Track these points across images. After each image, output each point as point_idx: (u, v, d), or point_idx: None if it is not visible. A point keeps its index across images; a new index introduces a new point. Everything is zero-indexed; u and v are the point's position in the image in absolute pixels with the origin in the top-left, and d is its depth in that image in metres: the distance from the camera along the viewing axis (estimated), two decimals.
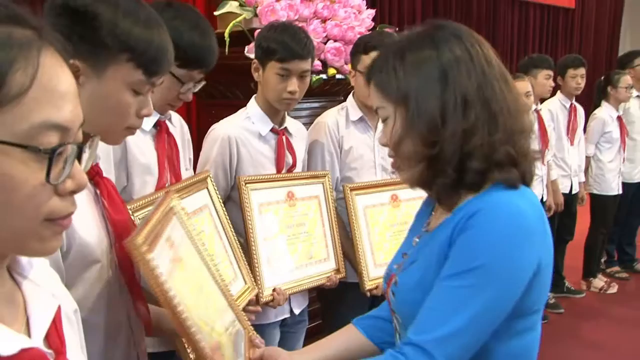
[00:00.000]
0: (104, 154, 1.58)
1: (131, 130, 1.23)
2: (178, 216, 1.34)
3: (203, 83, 1.77)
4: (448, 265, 1.09)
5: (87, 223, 1.15)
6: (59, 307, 0.76)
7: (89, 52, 1.10)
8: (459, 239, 1.08)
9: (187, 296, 1.13)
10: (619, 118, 4.68)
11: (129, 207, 1.51)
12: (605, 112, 4.63)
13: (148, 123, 1.70)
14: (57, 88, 0.64)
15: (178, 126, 1.90)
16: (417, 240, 1.26)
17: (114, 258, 1.21)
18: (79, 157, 0.67)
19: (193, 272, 1.27)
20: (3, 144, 0.60)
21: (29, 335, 0.69)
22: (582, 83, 4.38)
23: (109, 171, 1.58)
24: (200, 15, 1.76)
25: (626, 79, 4.58)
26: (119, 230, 1.20)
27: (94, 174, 1.19)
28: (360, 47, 2.40)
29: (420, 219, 1.34)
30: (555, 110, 4.36)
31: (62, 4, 1.09)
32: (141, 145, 1.69)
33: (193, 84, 1.72)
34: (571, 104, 4.43)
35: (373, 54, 2.33)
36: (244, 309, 1.89)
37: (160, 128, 1.74)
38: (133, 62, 1.13)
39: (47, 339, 0.71)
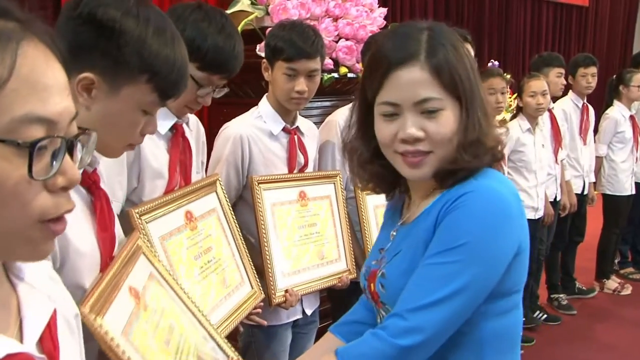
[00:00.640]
0: (118, 158, 1.56)
1: (132, 146, 1.21)
2: (145, 254, 1.34)
3: (225, 90, 1.73)
4: (433, 245, 1.10)
5: (82, 235, 1.11)
6: (55, 311, 0.74)
7: (108, 68, 1.07)
8: (445, 219, 1.10)
9: (150, 345, 1.15)
10: (632, 117, 4.60)
11: (136, 210, 1.51)
12: (617, 111, 4.56)
13: (164, 127, 1.67)
14: (40, 80, 0.62)
15: (194, 129, 1.87)
16: (394, 234, 1.26)
17: None
18: (70, 152, 0.65)
19: (161, 313, 1.27)
20: None
21: (21, 339, 0.67)
22: (593, 82, 4.31)
23: (120, 172, 1.56)
24: (230, 21, 1.71)
25: (638, 77, 4.50)
26: (105, 245, 1.17)
27: (90, 183, 1.15)
28: (372, 45, 2.35)
29: (393, 215, 1.33)
30: (568, 110, 4.30)
31: (89, 14, 1.06)
32: (154, 150, 1.66)
33: (212, 88, 1.68)
34: (583, 104, 4.37)
35: None
36: (249, 315, 1.87)
37: (176, 132, 1.71)
38: (152, 84, 1.11)
39: (41, 343, 0.70)
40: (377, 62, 1.12)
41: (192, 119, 1.86)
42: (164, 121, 1.68)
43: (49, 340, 0.70)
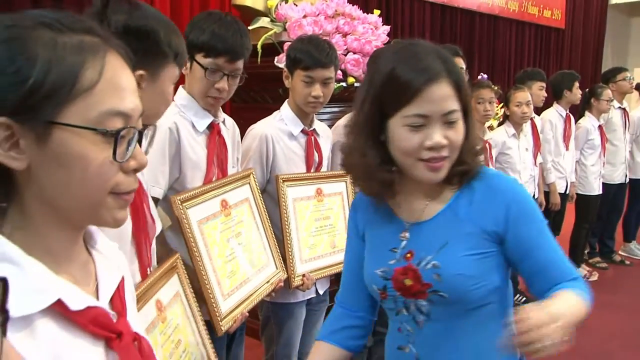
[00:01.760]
0: (160, 150, 1.60)
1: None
2: (179, 274, 1.38)
3: (240, 76, 1.72)
4: (527, 232, 1.17)
5: None
6: (123, 278, 0.80)
7: (151, 61, 1.16)
8: (515, 215, 1.16)
9: (157, 354, 1.19)
10: (600, 127, 4.69)
11: (178, 197, 1.54)
12: (588, 121, 4.62)
13: (202, 125, 1.71)
14: (119, 83, 0.68)
15: (231, 129, 1.89)
16: (407, 234, 1.23)
17: None
18: (139, 141, 0.71)
19: (174, 328, 1.31)
20: (78, 127, 0.64)
21: (97, 297, 0.72)
22: (578, 93, 4.45)
23: (163, 162, 1.61)
24: (233, 17, 1.73)
25: (607, 92, 4.59)
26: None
27: None
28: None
29: (384, 217, 1.28)
30: (554, 120, 4.37)
31: (124, 27, 1.12)
32: (193, 144, 1.69)
33: (223, 74, 1.67)
34: (567, 114, 4.45)
35: None
36: (270, 295, 1.90)
37: (212, 130, 1.74)
38: (176, 63, 1.23)
39: (112, 302, 0.74)
40: (404, 82, 1.11)
41: (229, 120, 1.88)
42: (202, 120, 1.72)
43: (118, 300, 0.75)
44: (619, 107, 4.94)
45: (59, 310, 0.64)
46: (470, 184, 1.20)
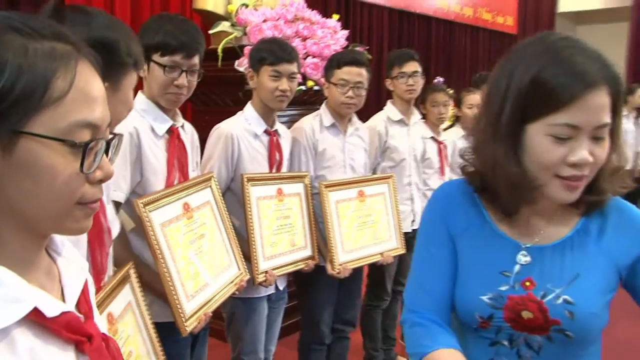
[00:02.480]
0: (122, 154, 1.59)
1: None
2: (131, 283, 1.38)
3: (197, 72, 1.74)
4: None
5: None
6: (87, 280, 0.79)
7: (113, 72, 1.15)
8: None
9: None
10: None
11: (140, 201, 1.54)
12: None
13: (161, 129, 1.72)
14: (90, 93, 0.66)
15: (190, 134, 1.90)
16: (528, 258, 1.06)
17: None
18: (106, 152, 0.70)
19: (126, 339, 1.31)
20: (47, 138, 0.62)
21: (64, 301, 0.72)
22: None
23: (125, 167, 1.61)
24: (183, 17, 1.78)
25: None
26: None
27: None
28: (334, 62, 2.43)
29: (483, 229, 1.10)
30: None
31: (84, 40, 1.11)
32: (153, 148, 1.70)
33: (181, 71, 1.69)
34: None
35: (346, 69, 2.37)
36: (233, 295, 1.91)
37: (172, 134, 1.75)
38: (135, 70, 1.23)
39: (78, 305, 0.74)
40: (557, 85, 0.94)
41: (188, 126, 1.89)
42: (162, 124, 1.73)
43: (84, 303, 0.75)
44: None
45: (33, 318, 0.63)
46: (600, 209, 1.05)
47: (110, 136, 0.71)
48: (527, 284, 1.04)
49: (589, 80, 0.93)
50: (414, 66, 2.80)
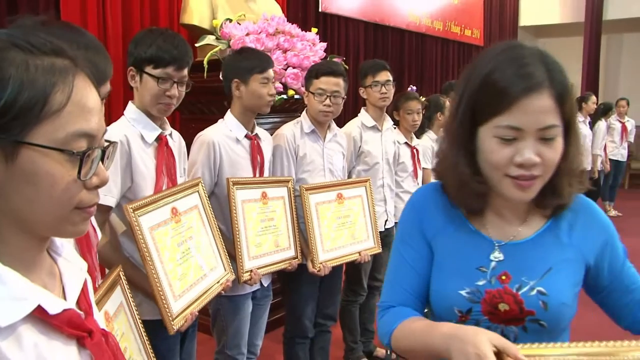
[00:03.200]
0: (112, 160, 1.58)
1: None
2: (122, 285, 1.40)
3: (186, 81, 1.74)
4: (615, 262, 1.07)
5: None
6: (86, 280, 0.79)
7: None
8: (610, 249, 1.07)
9: None
10: None
11: (130, 206, 1.53)
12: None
13: (150, 137, 1.71)
14: (86, 105, 0.67)
15: (177, 141, 1.88)
16: (500, 255, 1.05)
17: None
18: (102, 159, 0.71)
19: (120, 336, 1.32)
20: (46, 148, 0.63)
21: (65, 299, 0.72)
22: None
23: (115, 173, 1.60)
24: (172, 31, 1.77)
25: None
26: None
27: None
28: (313, 73, 2.44)
29: (461, 229, 1.09)
30: None
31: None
32: (143, 155, 1.69)
33: (173, 82, 1.69)
34: None
35: (323, 79, 2.38)
36: (219, 294, 1.90)
37: (160, 141, 1.74)
38: (106, 83, 1.24)
39: (78, 303, 0.74)
40: (501, 88, 0.93)
41: (175, 134, 1.88)
42: (150, 132, 1.71)
43: (84, 301, 0.76)
44: None
45: (37, 315, 0.64)
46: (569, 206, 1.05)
47: (106, 144, 0.71)
48: (503, 277, 1.03)
49: (530, 84, 0.92)
50: (386, 75, 2.82)
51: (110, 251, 1.64)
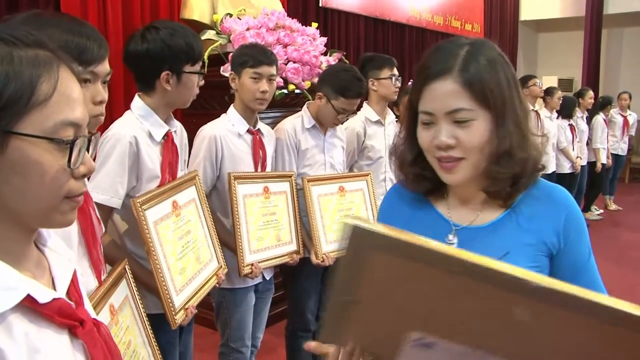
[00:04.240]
0: (120, 161, 1.58)
1: None
2: (127, 279, 1.40)
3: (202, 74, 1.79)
4: (580, 250, 1.03)
5: None
6: (75, 270, 0.80)
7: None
8: (573, 229, 1.03)
9: None
10: None
11: (137, 200, 1.53)
12: None
13: (158, 135, 1.69)
14: (71, 95, 0.68)
15: (179, 133, 1.87)
16: (455, 238, 1.07)
17: None
18: (87, 148, 0.71)
19: (125, 330, 1.32)
20: (35, 137, 0.64)
21: (55, 290, 0.72)
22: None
23: (122, 174, 1.59)
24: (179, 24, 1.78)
25: None
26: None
27: None
28: (340, 88, 2.34)
29: (428, 217, 1.12)
30: None
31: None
32: (151, 154, 1.67)
33: (199, 76, 1.75)
34: None
35: (350, 101, 2.35)
36: (217, 286, 1.90)
37: (167, 138, 1.73)
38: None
39: (68, 293, 0.75)
40: (419, 74, 1.02)
41: (178, 125, 1.87)
42: (158, 130, 1.70)
43: (74, 291, 0.76)
44: (532, 109, 5.19)
45: (27, 305, 0.65)
46: (529, 191, 1.05)
47: (89, 134, 0.72)
48: None
49: (433, 71, 0.98)
50: (389, 71, 2.84)
51: (115, 249, 1.63)
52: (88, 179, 1.08)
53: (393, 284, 0.72)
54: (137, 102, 1.71)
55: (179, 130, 1.87)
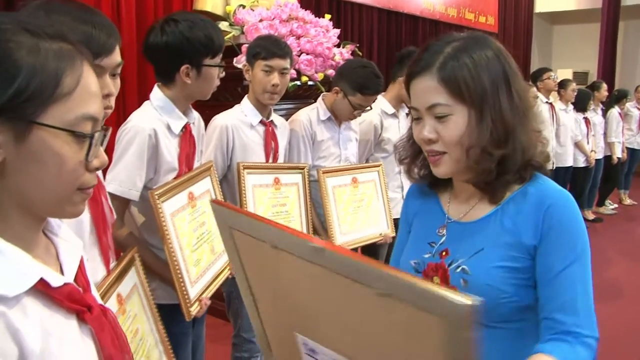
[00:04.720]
0: (139, 154, 1.57)
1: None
2: (136, 266, 1.40)
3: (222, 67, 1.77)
4: (560, 254, 0.98)
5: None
6: (82, 257, 0.81)
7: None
8: (554, 229, 0.99)
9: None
10: None
11: (155, 192, 1.52)
12: None
13: (177, 127, 1.67)
14: (91, 89, 0.69)
15: (197, 123, 1.86)
16: (444, 231, 1.11)
17: None
18: (101, 142, 0.73)
19: (133, 318, 1.33)
20: (57, 129, 0.65)
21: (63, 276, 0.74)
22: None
23: (140, 167, 1.58)
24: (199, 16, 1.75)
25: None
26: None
27: None
28: (357, 85, 2.35)
29: (431, 209, 1.16)
30: None
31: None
32: (169, 146, 1.65)
33: (219, 68, 1.73)
34: None
35: (367, 97, 2.35)
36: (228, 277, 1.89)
37: (185, 131, 1.71)
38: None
39: (76, 279, 0.76)
40: (407, 71, 1.06)
41: (196, 115, 1.84)
42: (177, 121, 1.68)
43: (81, 277, 0.77)
44: (546, 102, 5.12)
45: (40, 288, 0.66)
46: (525, 189, 1.04)
47: (103, 129, 0.73)
48: (444, 253, 1.09)
49: (414, 69, 1.02)
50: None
51: (133, 241, 1.62)
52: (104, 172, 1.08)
53: (268, 271, 0.75)
54: (157, 93, 1.69)
55: (196, 121, 1.86)
